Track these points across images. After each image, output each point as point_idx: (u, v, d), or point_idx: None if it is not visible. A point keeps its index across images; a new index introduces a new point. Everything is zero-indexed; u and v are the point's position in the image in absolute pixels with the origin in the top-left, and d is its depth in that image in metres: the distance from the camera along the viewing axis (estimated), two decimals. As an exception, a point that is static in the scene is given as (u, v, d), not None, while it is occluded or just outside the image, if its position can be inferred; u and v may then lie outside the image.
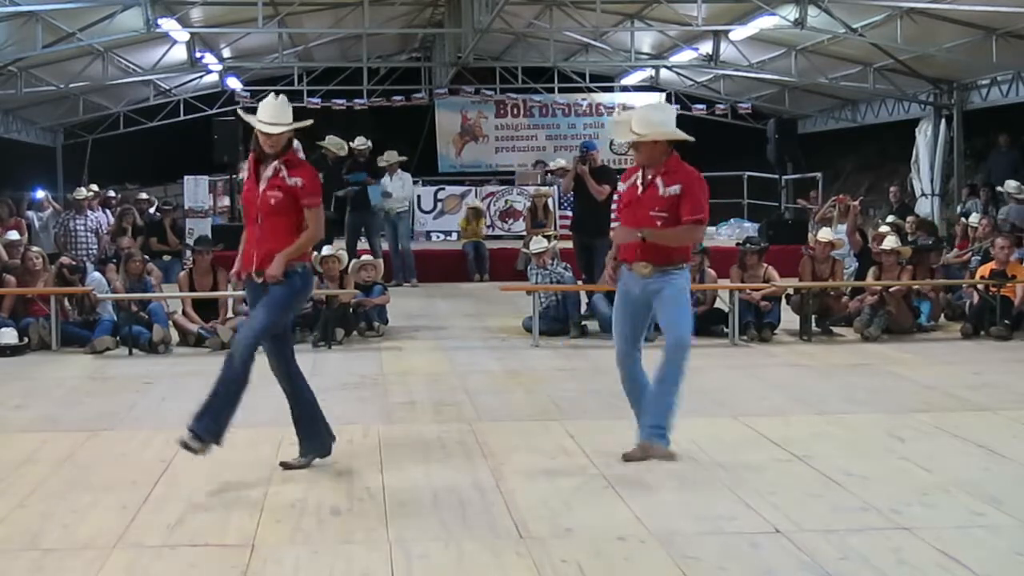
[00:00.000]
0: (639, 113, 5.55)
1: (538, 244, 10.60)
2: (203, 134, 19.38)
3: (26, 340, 9.45)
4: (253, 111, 5.43)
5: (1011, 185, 14.36)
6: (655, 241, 5.47)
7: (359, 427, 6.52)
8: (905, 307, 10.29)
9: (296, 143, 16.54)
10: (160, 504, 4.98)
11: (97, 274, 10.32)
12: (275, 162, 5.30)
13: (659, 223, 5.45)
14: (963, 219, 13.78)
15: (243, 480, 5.35)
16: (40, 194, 16.45)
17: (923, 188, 18.74)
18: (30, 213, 15.18)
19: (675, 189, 5.47)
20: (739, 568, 4.17)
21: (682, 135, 5.52)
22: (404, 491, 5.17)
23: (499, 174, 21.64)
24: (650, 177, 5.49)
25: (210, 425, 5.27)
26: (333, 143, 13.79)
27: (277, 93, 5.43)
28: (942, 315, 10.96)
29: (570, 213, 13.85)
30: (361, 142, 14.37)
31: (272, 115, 5.27)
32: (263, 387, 7.94)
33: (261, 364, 5.55)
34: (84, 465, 5.66)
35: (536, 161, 20.56)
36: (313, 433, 5.56)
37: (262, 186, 5.30)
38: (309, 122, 5.53)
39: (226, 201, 17.58)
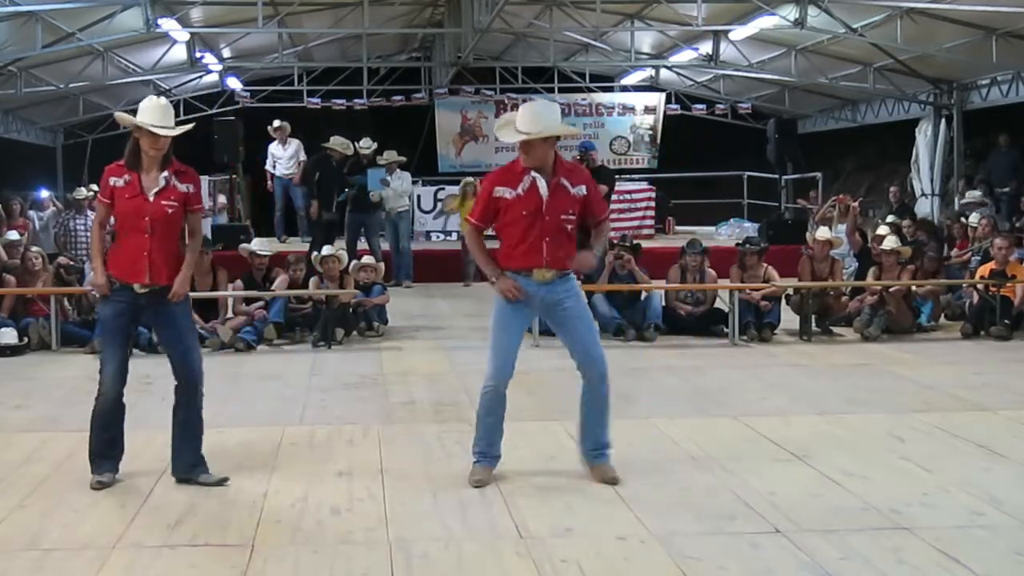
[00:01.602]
0: (525, 112, 5.22)
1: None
2: (203, 134, 19.37)
3: (26, 340, 9.46)
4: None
5: (975, 195, 14.57)
6: (599, 252, 5.33)
7: (359, 427, 6.52)
8: (905, 307, 10.29)
9: (298, 142, 16.49)
10: (160, 504, 4.99)
11: (97, 274, 10.32)
12: (165, 172, 5.25)
13: (570, 227, 5.25)
14: (961, 219, 13.77)
15: (243, 480, 5.35)
16: (44, 194, 16.45)
17: (923, 188, 18.74)
18: (31, 213, 15.18)
19: (583, 189, 5.27)
20: (739, 568, 4.17)
21: (572, 130, 5.38)
22: (404, 491, 5.17)
23: (499, 174, 21.61)
24: (551, 179, 5.18)
25: (204, 461, 5.39)
26: (338, 143, 13.84)
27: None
28: (942, 315, 10.97)
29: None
30: (366, 144, 14.45)
31: (162, 118, 5.19)
32: (260, 387, 7.97)
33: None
34: (84, 465, 5.64)
35: None
36: (117, 451, 5.40)
37: (152, 196, 5.20)
38: (191, 126, 5.47)
39: (224, 200, 17.57)
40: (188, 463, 5.35)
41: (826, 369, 8.60)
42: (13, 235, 11.92)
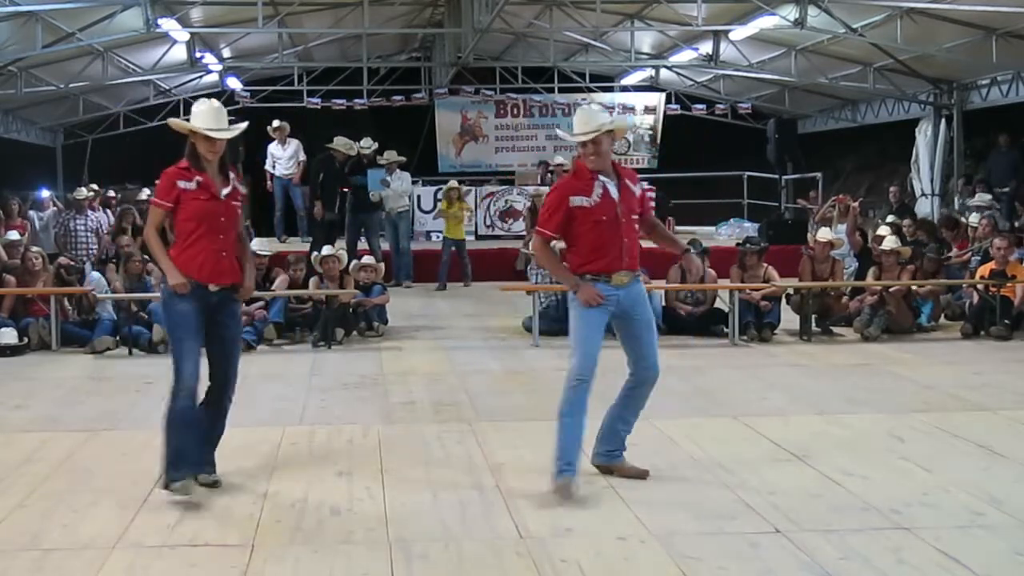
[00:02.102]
0: (580, 116, 5.28)
1: (538, 244, 10.58)
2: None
3: (26, 340, 9.46)
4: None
5: (984, 198, 14.55)
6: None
7: (359, 427, 6.52)
8: (905, 307, 10.29)
9: (297, 142, 16.43)
10: (160, 504, 4.99)
11: (96, 274, 10.33)
12: (231, 173, 5.32)
13: (636, 227, 5.37)
14: (962, 219, 13.77)
15: (243, 480, 5.35)
16: (45, 193, 16.44)
17: (923, 188, 18.73)
18: (31, 213, 15.16)
19: (639, 188, 5.43)
20: (739, 568, 4.17)
21: (626, 123, 5.48)
22: (404, 491, 5.17)
23: (499, 174, 21.64)
24: (619, 182, 5.28)
25: (212, 455, 5.40)
26: (342, 144, 13.87)
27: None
28: (942, 315, 10.96)
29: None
30: (367, 144, 14.48)
31: (215, 121, 5.19)
32: (260, 387, 7.96)
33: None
34: (84, 465, 5.67)
35: (540, 161, 20.56)
36: (198, 452, 5.33)
37: (223, 196, 5.23)
38: (245, 124, 5.44)
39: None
40: (203, 459, 5.32)
41: (826, 369, 8.60)
42: (13, 235, 11.93)
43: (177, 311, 5.20)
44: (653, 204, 18.43)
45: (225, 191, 5.24)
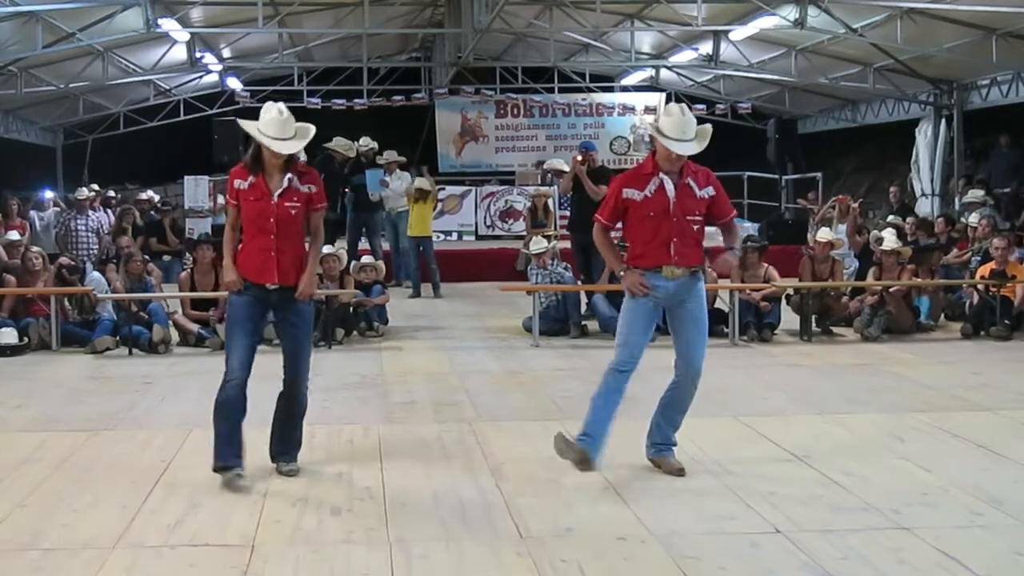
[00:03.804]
0: (680, 124, 5.38)
1: (538, 244, 10.60)
2: (203, 134, 19.39)
3: (26, 340, 9.46)
4: (246, 114, 5.38)
5: (977, 194, 14.52)
6: (738, 251, 5.61)
7: (359, 427, 6.53)
8: (905, 307, 10.29)
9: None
10: (160, 504, 4.99)
11: (97, 274, 10.33)
12: (288, 173, 5.29)
13: (696, 227, 5.44)
14: (962, 219, 13.76)
15: (243, 480, 5.34)
16: (48, 194, 16.45)
17: (923, 188, 18.74)
18: (32, 213, 15.17)
19: (710, 191, 5.48)
20: (739, 568, 4.17)
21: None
22: (404, 491, 5.17)
23: (499, 174, 21.65)
24: (678, 180, 5.36)
25: (295, 451, 5.60)
26: (340, 144, 13.85)
27: (277, 101, 5.34)
28: (942, 315, 10.97)
29: (568, 213, 13.80)
30: (366, 143, 14.47)
31: (280, 131, 5.18)
32: (262, 387, 7.95)
33: (253, 365, 5.54)
34: (84, 465, 5.66)
35: (539, 162, 20.59)
36: (238, 443, 5.48)
37: (276, 197, 5.25)
38: (312, 135, 5.38)
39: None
40: (278, 450, 5.53)
41: (826, 369, 8.59)
42: (14, 235, 11.93)
43: (232, 307, 5.45)
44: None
45: (278, 192, 5.25)
